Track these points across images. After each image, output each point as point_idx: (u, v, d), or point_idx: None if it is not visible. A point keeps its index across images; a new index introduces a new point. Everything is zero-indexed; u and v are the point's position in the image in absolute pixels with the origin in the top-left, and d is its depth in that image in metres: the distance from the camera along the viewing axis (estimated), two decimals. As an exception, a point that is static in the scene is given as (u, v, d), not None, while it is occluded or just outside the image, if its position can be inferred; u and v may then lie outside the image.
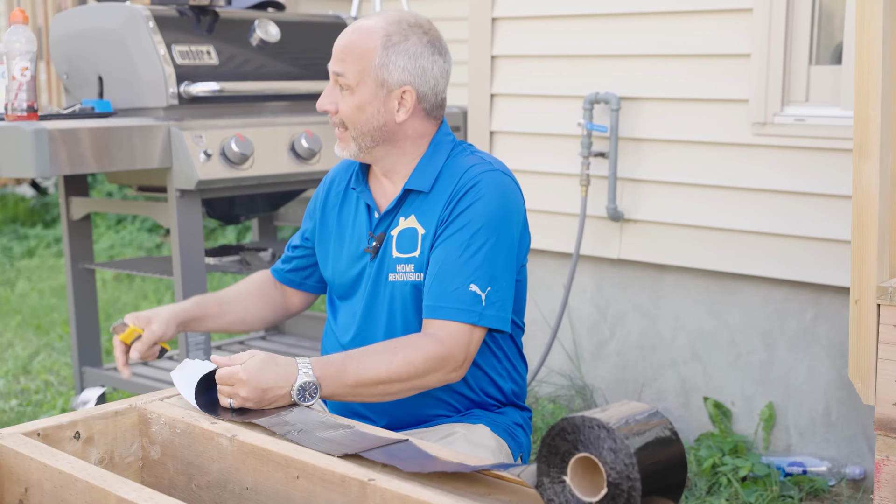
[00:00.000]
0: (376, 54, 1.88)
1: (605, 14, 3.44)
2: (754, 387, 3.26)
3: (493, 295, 1.84)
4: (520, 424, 2.04)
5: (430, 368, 1.80)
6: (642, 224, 3.42)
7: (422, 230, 1.92)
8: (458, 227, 1.87)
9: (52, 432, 1.62)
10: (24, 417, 3.75)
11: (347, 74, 1.90)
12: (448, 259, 1.85)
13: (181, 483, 1.65)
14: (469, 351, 1.84)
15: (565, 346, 3.70)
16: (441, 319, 1.83)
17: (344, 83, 1.91)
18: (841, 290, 3.02)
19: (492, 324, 1.85)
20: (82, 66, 3.20)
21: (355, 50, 1.89)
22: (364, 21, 1.93)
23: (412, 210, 1.94)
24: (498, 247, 1.86)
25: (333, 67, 1.92)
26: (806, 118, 3.03)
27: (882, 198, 2.25)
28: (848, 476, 3.02)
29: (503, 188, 1.90)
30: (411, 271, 1.91)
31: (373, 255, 1.96)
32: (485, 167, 1.91)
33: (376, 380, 1.77)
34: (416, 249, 1.92)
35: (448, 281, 1.84)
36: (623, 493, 1.17)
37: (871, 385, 2.26)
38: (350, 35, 1.91)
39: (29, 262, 6.35)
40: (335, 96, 1.93)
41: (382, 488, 1.35)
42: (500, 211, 1.88)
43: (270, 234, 4.05)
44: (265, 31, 3.26)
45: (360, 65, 1.89)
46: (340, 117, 1.93)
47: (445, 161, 1.95)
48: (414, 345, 1.81)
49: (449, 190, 1.90)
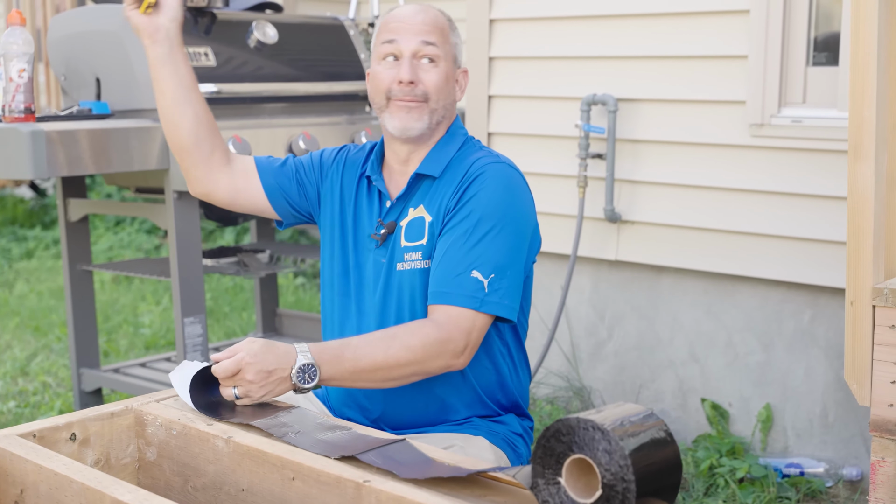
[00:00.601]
0: (450, 32, 1.99)
1: (602, 16, 3.44)
2: (752, 388, 3.26)
3: (497, 282, 1.84)
4: (520, 434, 2.03)
5: (429, 353, 1.79)
6: (640, 225, 3.42)
7: (429, 218, 1.94)
8: (464, 215, 1.88)
9: (48, 434, 1.62)
10: (21, 419, 3.74)
11: (438, 45, 1.95)
12: (452, 246, 1.87)
13: (177, 485, 1.65)
14: (471, 338, 1.83)
15: (563, 347, 3.70)
16: (442, 304, 1.83)
17: (434, 54, 1.95)
18: (839, 292, 3.02)
19: (495, 311, 1.84)
20: (80, 68, 3.20)
21: (438, 24, 1.97)
22: (419, 5, 2.00)
23: (421, 199, 1.96)
24: (502, 235, 1.87)
25: (423, 38, 1.95)
26: (803, 120, 3.03)
27: (877, 199, 2.25)
28: (845, 477, 3.02)
29: (508, 179, 1.93)
30: (419, 258, 1.93)
31: (379, 241, 1.96)
32: (492, 159, 1.96)
33: (374, 365, 1.77)
34: (424, 237, 1.93)
35: (451, 267, 1.85)
36: (618, 495, 1.17)
37: (867, 386, 2.26)
38: (426, 12, 1.98)
39: (27, 263, 6.35)
40: (415, 68, 1.95)
41: (378, 490, 1.35)
42: (505, 200, 1.90)
43: (268, 236, 4.05)
44: (263, 32, 3.26)
45: (442, 39, 1.96)
46: (425, 88, 1.95)
47: (457, 151, 1.99)
48: (412, 330, 1.81)
49: (457, 179, 1.93)
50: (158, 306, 5.25)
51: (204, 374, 1.73)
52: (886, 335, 2.20)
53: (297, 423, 1.62)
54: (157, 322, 4.98)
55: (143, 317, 5.07)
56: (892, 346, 2.20)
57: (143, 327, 4.91)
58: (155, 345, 4.66)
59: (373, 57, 2.02)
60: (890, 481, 2.20)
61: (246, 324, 4.86)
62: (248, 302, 5.29)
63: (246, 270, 3.42)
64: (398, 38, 1.95)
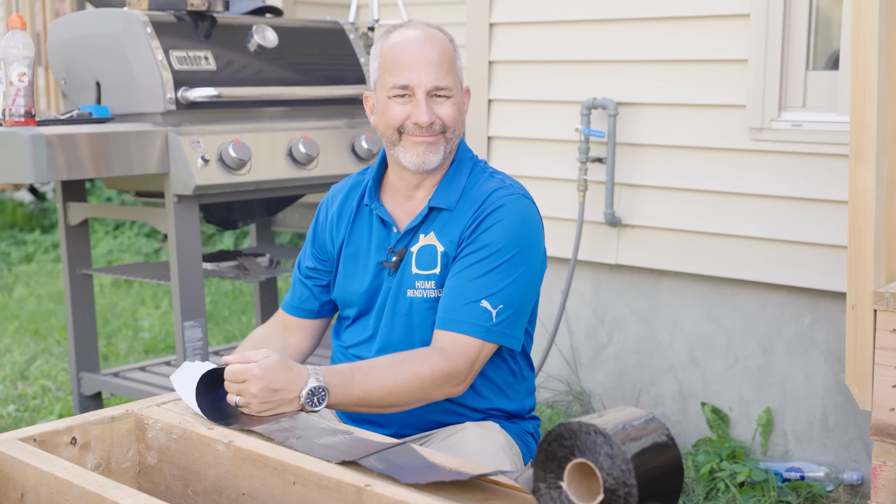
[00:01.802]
0: (457, 56, 1.96)
1: (602, 20, 3.44)
2: (752, 392, 3.26)
3: (504, 313, 1.87)
4: (530, 433, 2.07)
5: (436, 383, 1.82)
6: (640, 229, 3.42)
7: (441, 247, 1.94)
8: (478, 246, 1.89)
9: (49, 438, 1.61)
10: (21, 423, 3.74)
11: (449, 84, 1.93)
12: (463, 276, 1.88)
13: (178, 489, 1.65)
14: (474, 367, 1.87)
15: (563, 351, 3.69)
16: (450, 331, 1.86)
17: (448, 90, 1.93)
18: (839, 296, 3.02)
19: (500, 340, 1.88)
20: (80, 72, 3.20)
21: (447, 56, 1.93)
22: (422, 31, 1.94)
23: (433, 227, 1.96)
24: (513, 268, 1.89)
25: (437, 80, 1.91)
26: (803, 124, 3.03)
27: (878, 203, 2.25)
28: (846, 481, 3.02)
29: (524, 213, 1.95)
30: (432, 287, 1.94)
31: (392, 269, 1.96)
32: (508, 191, 1.95)
33: (383, 390, 1.79)
34: (436, 266, 1.94)
35: (461, 296, 1.87)
36: (619, 499, 1.17)
37: (868, 390, 2.26)
38: (435, 46, 1.92)
39: (27, 267, 6.35)
40: (432, 107, 1.92)
41: (379, 494, 1.35)
42: (520, 234, 1.92)
43: (268, 240, 4.04)
44: (263, 36, 3.26)
45: (453, 70, 1.94)
46: (442, 123, 1.93)
47: (468, 178, 1.98)
48: (422, 358, 1.83)
49: (472, 211, 1.93)
50: (158, 310, 5.25)
51: (211, 376, 1.73)
52: (887, 339, 2.20)
53: (299, 428, 1.61)
54: (156, 326, 4.98)
55: (143, 320, 5.07)
56: (894, 350, 2.20)
57: (142, 331, 4.90)
58: (155, 348, 4.66)
59: (378, 86, 1.96)
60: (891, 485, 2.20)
61: (245, 327, 4.86)
62: (248, 305, 5.29)
63: (246, 274, 3.42)
64: (411, 76, 1.91)
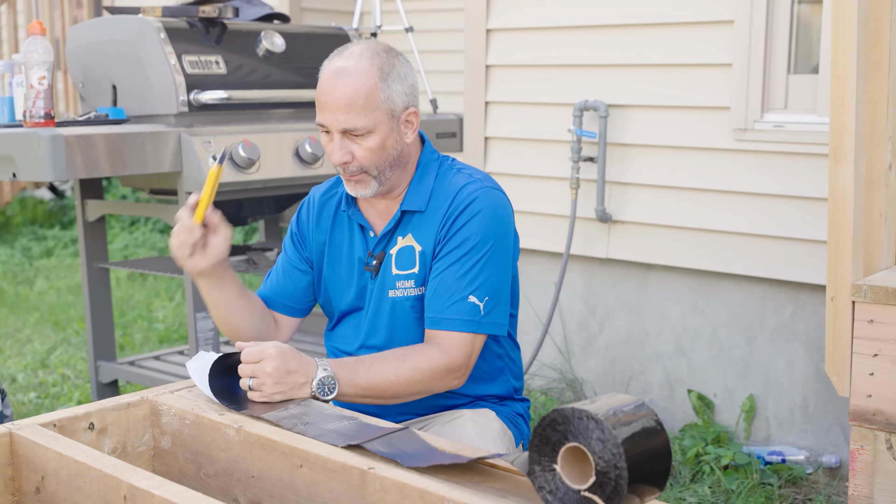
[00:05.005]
0: (379, 90, 1.80)
1: (594, 26, 3.43)
2: (736, 380, 3.26)
3: (490, 304, 1.87)
4: (520, 414, 2.07)
5: (435, 376, 1.83)
6: (629, 225, 3.42)
7: (419, 247, 1.93)
8: (456, 243, 1.87)
9: (68, 423, 1.61)
10: (42, 409, 3.74)
11: (359, 125, 1.80)
12: (447, 274, 1.87)
13: (190, 472, 1.65)
14: (470, 359, 1.87)
15: (556, 341, 3.69)
16: (443, 330, 1.86)
17: (359, 130, 1.80)
18: (818, 288, 3.02)
19: (490, 330, 1.88)
20: (97, 76, 3.19)
21: (358, 97, 1.79)
22: (345, 63, 1.81)
23: (409, 229, 1.93)
24: (493, 259, 1.88)
25: (341, 125, 1.80)
26: (784, 125, 3.03)
27: (856, 200, 2.25)
28: (824, 464, 3.02)
29: (496, 205, 1.91)
30: (412, 286, 1.93)
31: (374, 273, 1.96)
32: (476, 185, 1.90)
33: (385, 383, 1.80)
34: (415, 266, 1.92)
35: (448, 294, 1.86)
36: (610, 481, 1.17)
37: (847, 378, 2.26)
38: (345, 85, 1.79)
39: (47, 261, 6.35)
40: (346, 146, 1.83)
41: (382, 476, 1.35)
42: (495, 226, 1.89)
43: (276, 235, 4.04)
44: (271, 41, 3.26)
45: (368, 108, 1.79)
46: (359, 164, 1.84)
47: (435, 179, 1.93)
48: (421, 353, 1.84)
49: (444, 209, 1.90)
50: (171, 302, 5.25)
51: (225, 362, 1.73)
52: (865, 329, 2.20)
53: (306, 415, 1.61)
54: (170, 317, 4.97)
55: (157, 312, 5.06)
56: (871, 339, 2.20)
57: (156, 322, 4.90)
58: (168, 339, 4.65)
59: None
60: (868, 468, 2.20)
61: (255, 319, 4.84)
62: (257, 298, 5.27)
63: (255, 268, 3.42)
64: (325, 116, 1.82)
